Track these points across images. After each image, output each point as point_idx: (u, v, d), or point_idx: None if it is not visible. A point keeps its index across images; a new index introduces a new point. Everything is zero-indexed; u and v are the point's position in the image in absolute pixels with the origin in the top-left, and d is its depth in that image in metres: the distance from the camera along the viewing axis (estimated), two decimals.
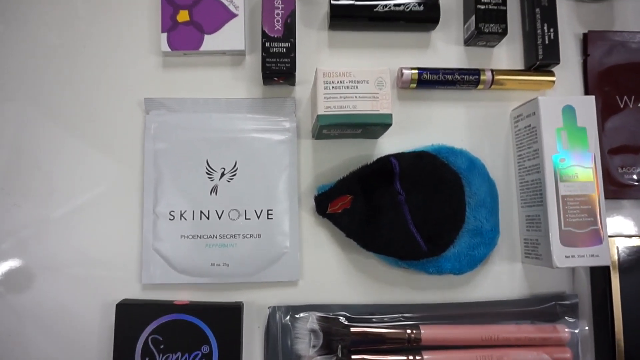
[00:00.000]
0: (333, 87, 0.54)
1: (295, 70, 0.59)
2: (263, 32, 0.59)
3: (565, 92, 0.65)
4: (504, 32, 0.62)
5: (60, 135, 0.60)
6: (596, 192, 0.56)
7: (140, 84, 0.61)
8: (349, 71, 0.54)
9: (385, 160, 0.58)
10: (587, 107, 0.58)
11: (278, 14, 0.59)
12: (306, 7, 0.64)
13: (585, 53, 0.66)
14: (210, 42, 0.60)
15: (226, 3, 0.61)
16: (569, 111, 0.58)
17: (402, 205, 0.57)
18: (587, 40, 0.66)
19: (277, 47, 0.59)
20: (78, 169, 0.60)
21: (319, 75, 0.54)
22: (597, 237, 0.55)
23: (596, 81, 0.65)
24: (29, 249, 0.58)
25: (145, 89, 0.61)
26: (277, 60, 0.59)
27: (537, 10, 0.63)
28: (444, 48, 0.65)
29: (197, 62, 0.62)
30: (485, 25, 0.62)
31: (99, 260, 0.59)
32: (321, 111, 0.54)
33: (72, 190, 0.60)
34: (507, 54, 0.65)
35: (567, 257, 0.55)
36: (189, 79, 0.62)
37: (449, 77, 0.62)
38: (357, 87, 0.54)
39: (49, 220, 0.59)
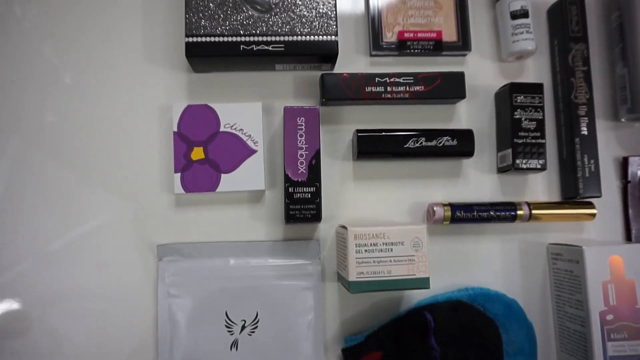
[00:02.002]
0: (366, 250, 0.50)
1: (321, 218, 0.54)
2: (286, 177, 0.54)
3: (605, 222, 0.61)
4: (543, 168, 0.57)
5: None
6: None
7: (152, 227, 0.57)
8: (383, 232, 0.50)
9: (420, 314, 0.54)
10: (636, 258, 0.54)
11: (302, 155, 0.55)
12: (330, 135, 0.59)
13: (625, 178, 0.62)
14: (228, 182, 0.56)
15: (244, 138, 0.56)
16: (616, 262, 0.53)
17: None
18: (626, 165, 0.62)
19: (302, 192, 0.54)
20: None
21: (349, 236, 0.50)
22: None
23: (638, 209, 0.61)
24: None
25: (158, 232, 0.57)
26: (302, 207, 0.54)
27: (577, 140, 0.59)
28: (476, 176, 0.61)
29: (212, 200, 0.58)
30: (523, 161, 0.57)
31: None
32: (353, 277, 0.49)
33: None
34: (543, 181, 0.61)
35: None
36: (204, 219, 0.57)
37: (484, 215, 0.58)
38: (391, 250, 0.50)
39: None
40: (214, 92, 0.59)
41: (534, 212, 0.58)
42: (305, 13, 0.55)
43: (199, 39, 0.54)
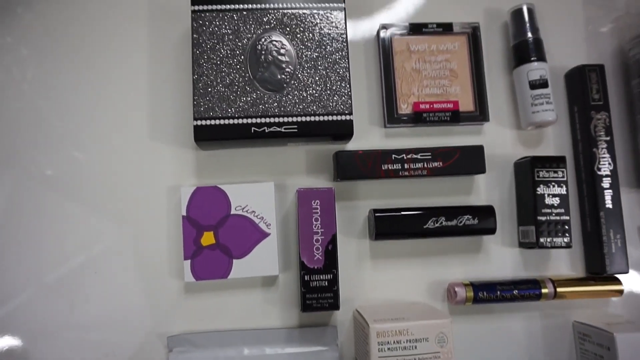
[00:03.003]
0: (389, 348, 0.47)
1: (339, 307, 0.51)
2: (301, 264, 0.52)
3: (632, 296, 0.59)
4: (569, 246, 0.55)
5: None
6: None
7: (161, 315, 0.54)
8: (406, 328, 0.47)
9: None
10: None
11: (317, 241, 0.52)
12: (345, 211, 0.57)
13: None
14: (240, 268, 0.53)
15: (256, 221, 0.53)
16: None
17: None
18: None
19: (318, 280, 0.52)
20: None
21: (371, 334, 0.47)
22: None
23: None
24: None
25: (167, 320, 0.54)
26: (319, 295, 0.52)
27: (602, 214, 0.56)
28: (498, 251, 0.58)
29: (224, 285, 0.55)
30: (547, 240, 0.55)
31: None
32: None
33: None
34: (566, 255, 0.59)
35: None
36: (216, 306, 0.55)
37: (507, 295, 0.55)
38: (415, 347, 0.47)
39: None
40: (224, 170, 0.56)
41: (558, 289, 0.56)
42: (318, 91, 0.53)
43: (208, 122, 0.52)
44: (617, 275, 0.57)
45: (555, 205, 0.56)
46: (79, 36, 0.57)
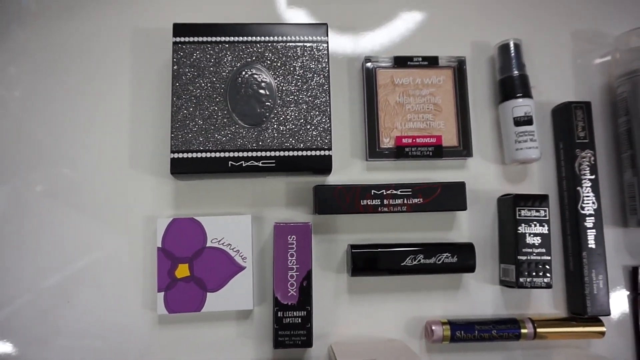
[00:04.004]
0: None
1: (312, 344, 0.51)
2: (275, 300, 0.51)
3: (614, 337, 0.58)
4: (549, 286, 0.54)
5: None
6: None
7: (134, 349, 0.54)
8: None
9: None
10: None
11: (292, 276, 0.52)
12: (323, 245, 0.56)
13: (635, 290, 0.58)
14: (214, 301, 0.53)
15: (232, 254, 0.53)
16: None
17: None
18: (636, 276, 0.58)
19: (292, 317, 0.51)
20: None
21: None
22: None
23: None
24: None
25: (140, 354, 0.54)
26: (292, 332, 0.51)
27: (584, 253, 0.56)
28: (478, 288, 0.58)
29: (199, 318, 0.55)
30: (527, 279, 0.54)
31: None
32: None
33: None
34: (549, 293, 0.59)
35: None
36: (189, 339, 0.54)
37: (486, 335, 0.54)
38: None
39: None
40: (202, 201, 0.56)
41: (538, 330, 0.55)
42: (297, 126, 0.53)
43: (185, 155, 0.51)
44: (599, 317, 0.56)
45: (537, 244, 0.55)
46: (65, 62, 0.57)
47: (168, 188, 0.56)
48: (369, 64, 0.59)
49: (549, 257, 0.55)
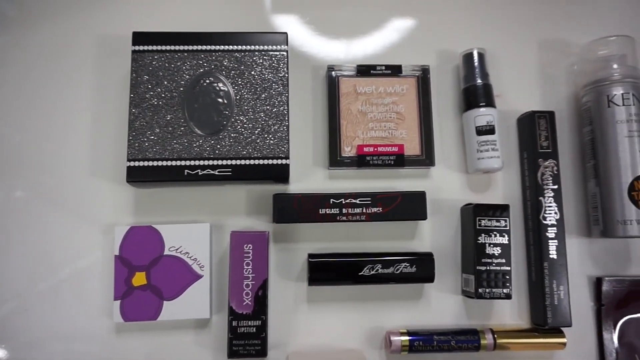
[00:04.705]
0: None
1: (266, 354, 0.51)
2: (230, 309, 0.51)
3: (577, 348, 0.57)
4: (508, 297, 0.54)
5: None
6: None
7: (90, 357, 0.53)
8: None
9: None
10: None
11: (248, 285, 0.51)
12: (283, 253, 0.56)
13: (599, 301, 0.58)
14: (170, 310, 0.53)
15: (190, 262, 0.53)
16: None
17: None
18: (600, 286, 0.58)
19: (246, 326, 0.51)
20: None
21: None
22: None
23: (612, 336, 0.57)
24: None
25: None
26: (246, 342, 0.51)
27: (546, 264, 0.55)
28: (439, 298, 0.57)
29: (156, 326, 0.54)
30: (486, 290, 0.54)
31: None
32: None
33: None
34: (512, 304, 0.58)
35: None
36: (146, 347, 0.54)
37: (445, 345, 0.54)
38: None
39: None
40: (163, 208, 0.56)
41: (499, 341, 0.55)
42: (255, 134, 0.53)
43: (142, 163, 0.51)
44: (560, 328, 0.56)
45: (496, 255, 0.55)
46: (26, 69, 0.58)
47: (129, 196, 0.56)
48: (332, 73, 0.59)
49: (508, 268, 0.54)
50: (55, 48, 0.58)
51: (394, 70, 0.59)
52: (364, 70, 0.59)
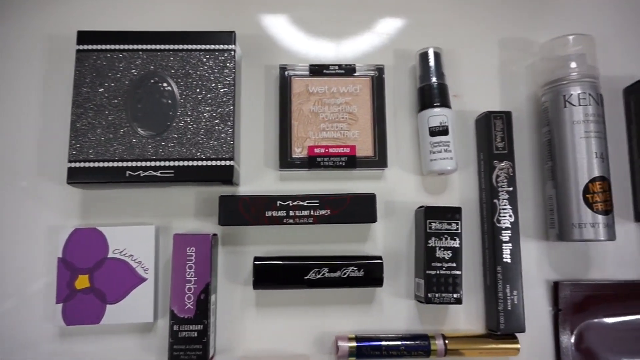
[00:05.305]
0: None
1: (207, 359, 0.50)
2: (171, 313, 0.50)
3: (534, 353, 0.56)
4: (458, 302, 0.53)
5: None
6: None
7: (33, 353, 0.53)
8: None
9: None
10: None
11: (190, 289, 0.51)
12: (231, 257, 0.55)
13: (556, 305, 0.57)
14: (113, 313, 0.52)
15: (134, 265, 0.52)
16: None
17: None
18: (557, 291, 0.57)
19: (188, 330, 0.50)
20: None
21: None
22: None
23: (569, 342, 0.56)
24: None
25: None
26: (187, 347, 0.50)
27: (499, 268, 0.54)
28: (392, 302, 0.56)
29: (100, 330, 0.54)
30: (436, 295, 0.53)
31: None
32: None
33: None
34: (466, 308, 0.57)
35: None
36: (90, 352, 0.53)
37: (393, 351, 0.53)
38: None
39: None
40: (110, 210, 0.55)
41: (450, 346, 0.54)
42: (199, 135, 0.52)
43: (83, 164, 0.51)
44: (513, 333, 0.55)
45: (447, 258, 0.53)
46: None
47: (75, 198, 0.55)
48: (284, 72, 0.58)
49: (459, 272, 0.53)
50: (1, 48, 0.57)
51: (348, 70, 0.58)
52: (317, 70, 0.58)
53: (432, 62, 0.57)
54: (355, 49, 0.61)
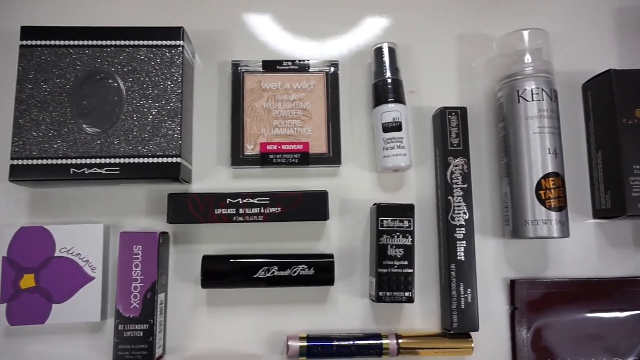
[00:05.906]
0: None
1: (153, 359, 0.49)
2: (117, 312, 0.49)
3: (489, 353, 0.55)
4: (410, 300, 0.52)
5: None
6: None
7: None
8: None
9: None
10: None
11: (136, 288, 0.50)
12: (181, 255, 0.54)
13: (512, 303, 0.56)
14: (60, 313, 0.51)
15: (81, 264, 0.51)
16: None
17: None
18: (514, 289, 0.56)
19: (133, 330, 0.49)
20: None
21: None
22: None
23: (525, 340, 0.55)
24: None
25: None
26: (132, 346, 0.49)
27: (453, 266, 0.53)
28: (346, 301, 0.56)
29: (49, 330, 0.53)
30: (387, 293, 0.52)
31: None
32: None
33: None
34: (421, 307, 0.56)
35: None
36: (37, 352, 0.52)
37: (345, 351, 0.52)
38: None
39: None
40: (58, 209, 0.55)
41: (403, 345, 0.53)
42: (145, 132, 0.51)
43: (25, 162, 0.50)
44: (468, 332, 0.54)
45: (399, 256, 0.53)
46: None
47: (23, 196, 0.55)
48: (237, 68, 0.57)
49: (411, 270, 0.52)
50: None
51: (302, 66, 0.57)
52: (270, 66, 0.57)
53: (386, 58, 0.57)
54: (312, 45, 0.60)
